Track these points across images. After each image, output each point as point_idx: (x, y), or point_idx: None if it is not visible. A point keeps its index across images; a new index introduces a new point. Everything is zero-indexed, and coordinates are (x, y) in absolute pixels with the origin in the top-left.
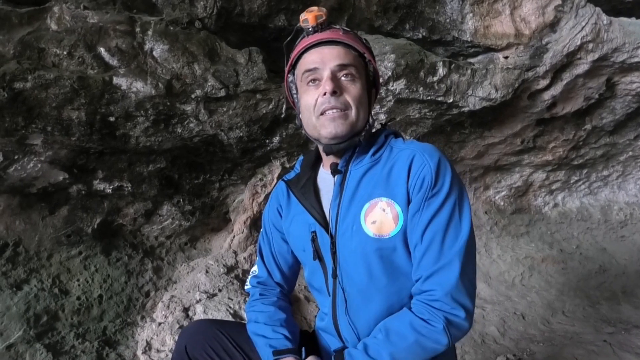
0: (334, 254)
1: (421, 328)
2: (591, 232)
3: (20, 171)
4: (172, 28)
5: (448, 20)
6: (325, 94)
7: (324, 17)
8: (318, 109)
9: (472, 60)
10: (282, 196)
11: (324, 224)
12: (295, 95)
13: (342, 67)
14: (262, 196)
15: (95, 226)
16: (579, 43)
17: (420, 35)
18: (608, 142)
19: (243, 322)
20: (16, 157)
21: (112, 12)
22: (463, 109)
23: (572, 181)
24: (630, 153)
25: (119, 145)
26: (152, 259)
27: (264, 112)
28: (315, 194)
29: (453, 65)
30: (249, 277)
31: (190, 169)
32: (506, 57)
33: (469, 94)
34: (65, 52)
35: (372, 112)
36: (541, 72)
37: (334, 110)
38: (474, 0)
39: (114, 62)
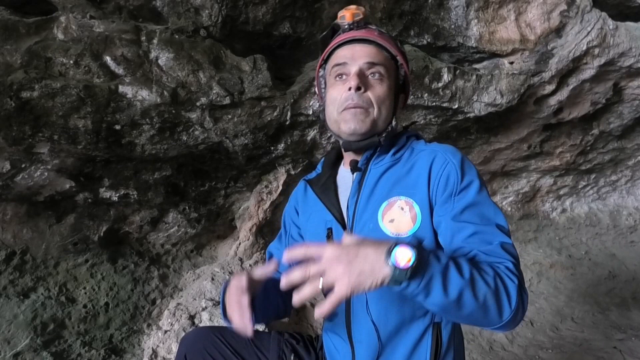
0: None
1: (504, 275)
2: (600, 238)
3: (27, 180)
4: (177, 36)
5: (453, 27)
6: (350, 89)
7: (361, 16)
8: (341, 104)
9: (477, 66)
10: (300, 194)
11: (341, 221)
12: (323, 90)
13: (371, 65)
14: (268, 203)
15: (102, 234)
16: (584, 48)
17: (425, 42)
18: (616, 147)
19: None
20: (23, 165)
21: (118, 21)
22: (468, 115)
23: (580, 186)
24: (639, 158)
25: (125, 153)
26: (158, 266)
27: (269, 119)
28: (335, 192)
29: (458, 71)
30: None
31: (195, 177)
32: (511, 63)
33: (475, 99)
34: (71, 61)
35: (396, 116)
36: (547, 77)
37: (357, 107)
38: (478, 6)
39: (119, 70)
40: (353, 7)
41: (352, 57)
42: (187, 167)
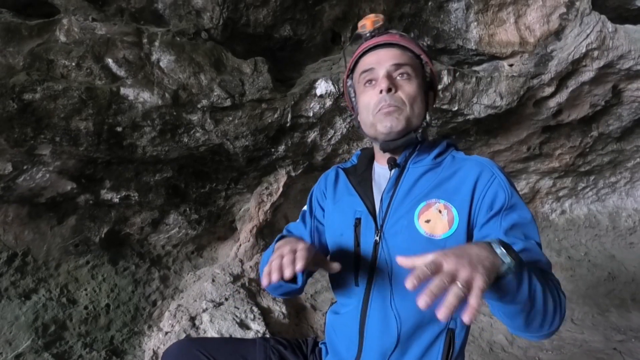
0: (376, 243)
1: (559, 286)
2: (599, 239)
3: (29, 181)
4: (178, 39)
5: (453, 29)
6: (381, 91)
7: (381, 22)
8: (375, 107)
9: (476, 68)
10: (331, 180)
11: (372, 213)
12: (353, 99)
13: (397, 66)
14: (268, 205)
15: (103, 235)
16: (584, 50)
17: (425, 44)
18: (615, 149)
19: (224, 337)
20: (25, 167)
21: (119, 23)
22: (468, 117)
23: (579, 188)
24: (638, 159)
25: (126, 155)
26: (159, 268)
27: (270, 121)
28: (370, 185)
29: (458, 74)
30: None
31: (196, 178)
32: (511, 65)
33: (474, 101)
34: (73, 64)
35: (429, 112)
36: (546, 79)
37: (390, 107)
38: (478, 9)
39: (121, 72)
40: (372, 15)
41: (378, 61)
42: (187, 168)
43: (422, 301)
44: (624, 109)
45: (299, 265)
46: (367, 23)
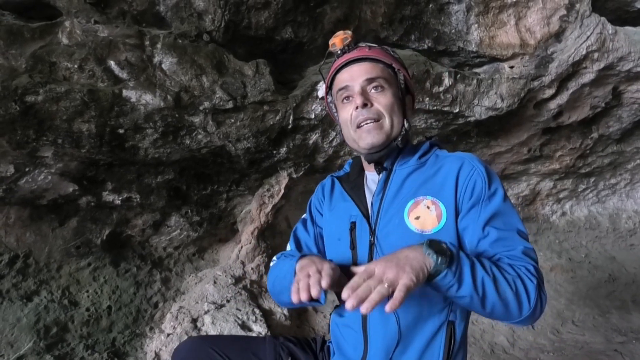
0: (371, 244)
1: (524, 275)
2: (600, 241)
3: (31, 183)
4: (180, 41)
5: (453, 31)
6: (357, 107)
7: (349, 39)
8: (354, 122)
9: (477, 70)
10: (327, 189)
11: (366, 216)
12: (335, 114)
13: (370, 80)
14: (270, 207)
15: (104, 237)
16: (584, 52)
17: (425, 46)
18: (615, 150)
19: (234, 335)
20: (27, 169)
21: (122, 26)
22: (469, 119)
23: (579, 190)
24: (638, 161)
25: (128, 157)
26: (160, 269)
27: (271, 123)
28: (363, 190)
29: (459, 76)
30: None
31: (198, 180)
32: (512, 67)
33: (475, 103)
34: (76, 66)
35: (407, 118)
36: (547, 81)
37: (369, 121)
38: (479, 11)
39: (123, 75)
40: (341, 32)
41: (352, 78)
42: (189, 170)
43: (349, 303)
44: (623, 110)
45: (325, 283)
46: (337, 41)
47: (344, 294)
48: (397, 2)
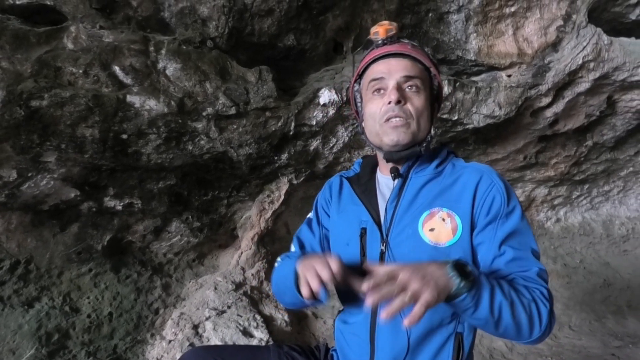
0: (382, 253)
1: (538, 300)
2: (594, 247)
3: (33, 188)
4: (184, 47)
5: (452, 40)
6: (390, 102)
7: (394, 31)
8: (382, 116)
9: (475, 78)
10: (335, 189)
11: (378, 223)
12: (359, 104)
13: (407, 78)
14: (270, 212)
15: (105, 243)
16: (580, 62)
17: (430, 52)
18: (609, 158)
19: (238, 345)
20: (30, 174)
21: (126, 31)
22: (467, 126)
23: (573, 196)
24: (631, 169)
25: (131, 162)
26: (160, 275)
27: (273, 129)
28: (375, 195)
29: (458, 84)
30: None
31: (199, 186)
32: (509, 76)
33: (474, 111)
34: (80, 71)
35: (433, 125)
36: (544, 90)
37: (398, 119)
38: (477, 20)
39: (128, 80)
40: (386, 22)
41: (389, 71)
42: (191, 176)
43: (369, 299)
44: (618, 119)
45: (335, 267)
46: (380, 30)
47: (365, 285)
48: (398, 11)
